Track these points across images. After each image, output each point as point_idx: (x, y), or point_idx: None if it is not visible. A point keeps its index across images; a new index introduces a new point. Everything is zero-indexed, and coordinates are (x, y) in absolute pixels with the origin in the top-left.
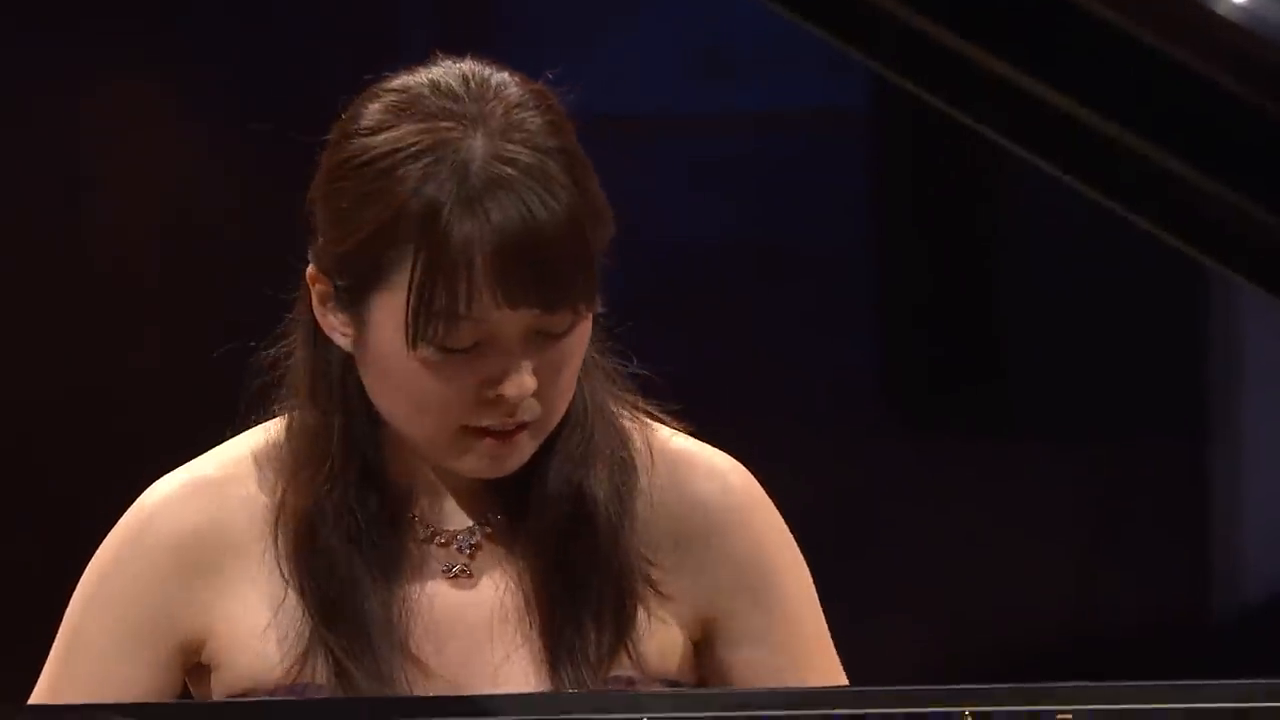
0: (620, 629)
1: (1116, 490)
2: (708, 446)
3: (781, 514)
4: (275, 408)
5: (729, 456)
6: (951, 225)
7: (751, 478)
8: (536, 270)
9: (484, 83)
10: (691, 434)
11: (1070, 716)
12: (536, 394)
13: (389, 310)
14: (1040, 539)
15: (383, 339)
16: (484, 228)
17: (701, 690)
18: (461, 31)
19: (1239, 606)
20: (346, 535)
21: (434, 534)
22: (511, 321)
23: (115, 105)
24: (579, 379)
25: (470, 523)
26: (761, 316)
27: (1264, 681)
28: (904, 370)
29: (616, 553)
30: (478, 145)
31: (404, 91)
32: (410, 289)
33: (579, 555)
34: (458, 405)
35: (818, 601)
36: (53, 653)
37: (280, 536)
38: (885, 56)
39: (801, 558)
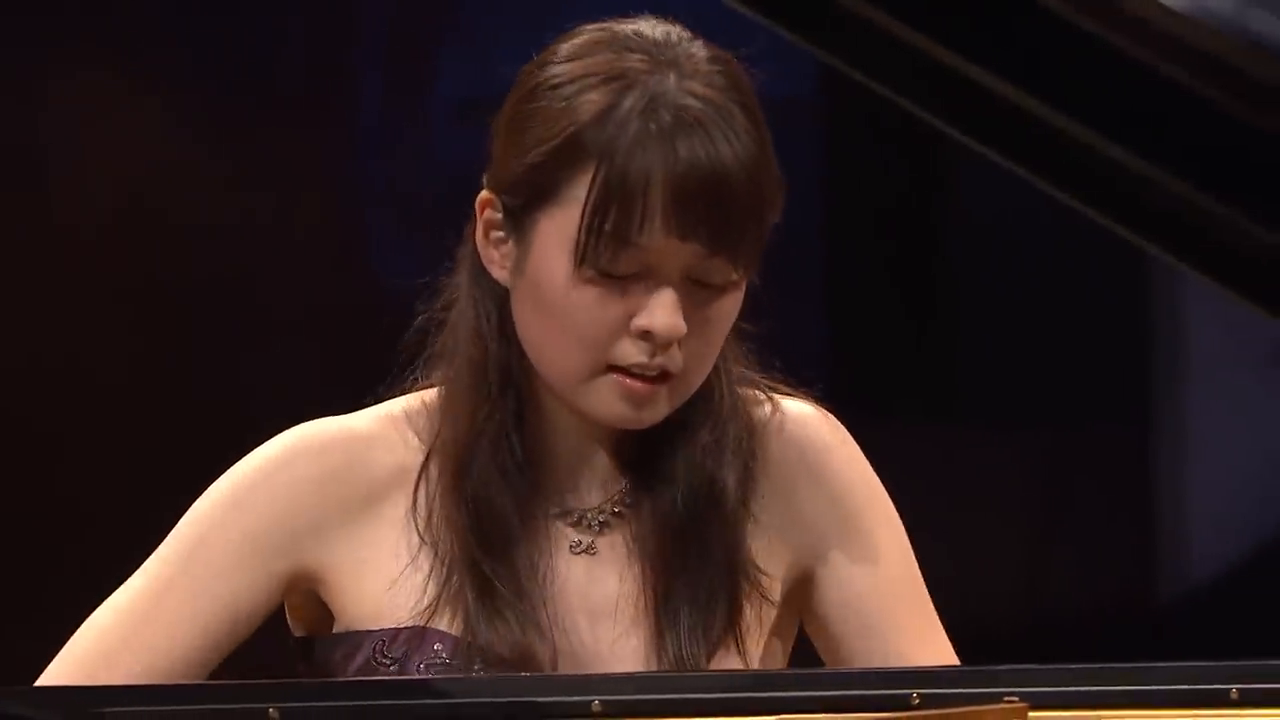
0: (730, 618)
1: (1063, 476)
2: (797, 400)
3: None
4: (429, 373)
5: (818, 406)
6: (901, 213)
7: (838, 424)
8: (711, 206)
9: (684, 39)
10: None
11: (1017, 699)
12: (681, 346)
13: (556, 230)
14: (987, 525)
15: (544, 261)
16: (669, 155)
17: (649, 673)
18: (419, 7)
19: (1182, 590)
20: (502, 467)
21: (564, 511)
22: (675, 255)
23: (69, 90)
24: (719, 368)
25: (599, 502)
26: None
27: (1207, 664)
28: (854, 357)
29: (735, 545)
30: (670, 81)
31: (605, 30)
32: (585, 207)
33: (699, 544)
34: (606, 336)
35: (909, 547)
36: (166, 552)
37: (422, 487)
38: (836, 47)
39: (890, 502)
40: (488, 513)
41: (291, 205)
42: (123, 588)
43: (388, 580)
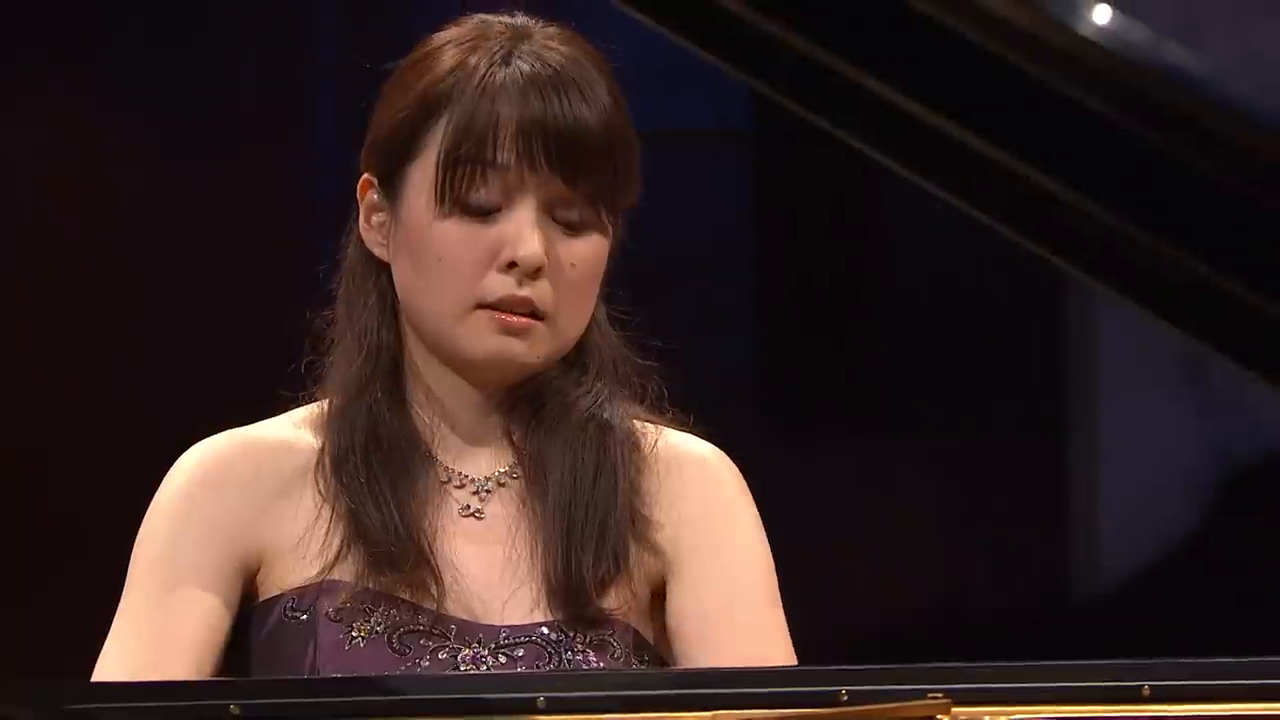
0: (616, 570)
1: (982, 485)
2: (702, 441)
3: None
4: (316, 389)
5: (716, 449)
6: (827, 236)
7: (733, 466)
8: (561, 136)
9: (545, 25)
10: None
11: (942, 695)
12: (549, 285)
13: (421, 177)
14: (910, 530)
15: (414, 210)
16: (518, 91)
17: (591, 671)
18: (369, 32)
19: (1094, 593)
20: (384, 433)
21: (453, 477)
22: (531, 187)
23: (34, 112)
24: (596, 371)
25: (486, 473)
26: (647, 323)
27: (1120, 662)
28: (784, 372)
29: (615, 512)
30: (524, 44)
31: (475, 17)
32: (442, 145)
33: (582, 511)
34: (474, 271)
35: (774, 575)
36: (139, 593)
37: (322, 465)
38: (767, 77)
39: (765, 540)
40: (368, 477)
41: (249, 220)
42: (113, 642)
43: (301, 548)
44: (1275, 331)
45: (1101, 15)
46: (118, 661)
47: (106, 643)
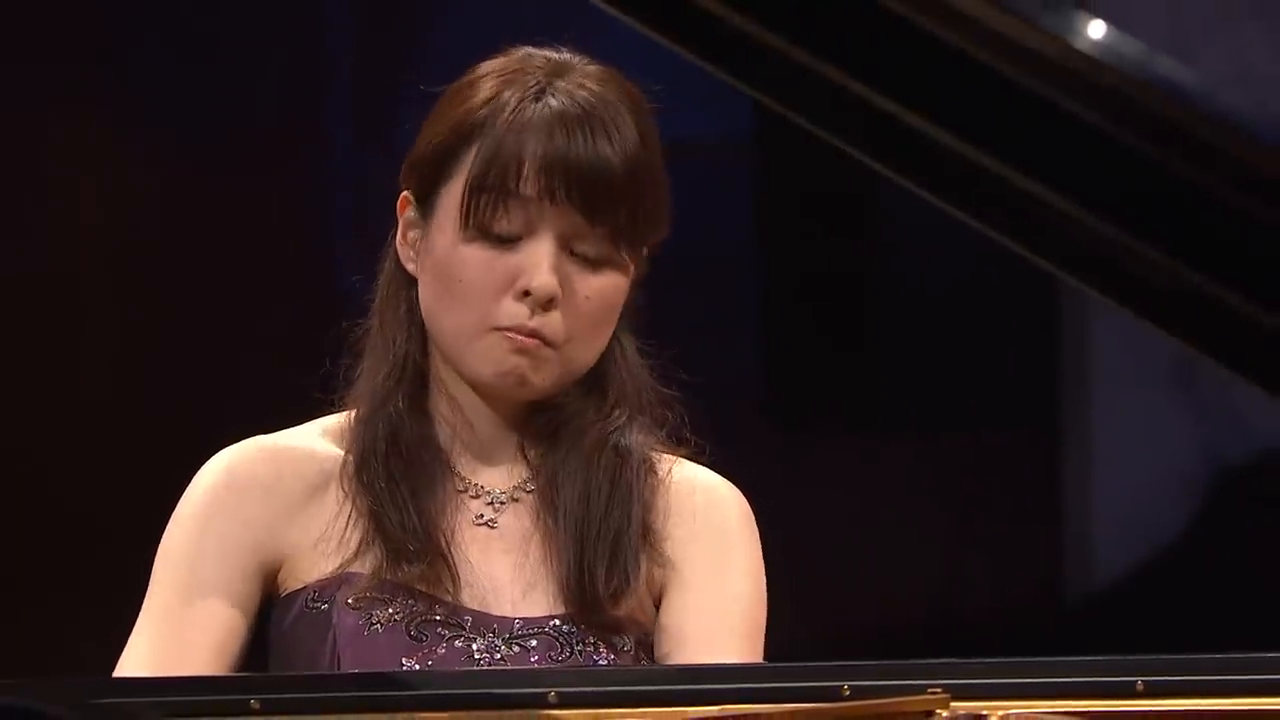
0: (627, 585)
1: (978, 485)
2: (715, 474)
3: None
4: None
5: (730, 483)
6: (826, 242)
7: (743, 500)
8: (584, 172)
9: (582, 60)
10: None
11: (941, 690)
12: (561, 315)
13: (449, 201)
14: (907, 529)
15: (440, 231)
16: (544, 113)
17: (600, 667)
18: (384, 52)
19: (1088, 591)
20: (404, 440)
21: (470, 487)
22: (552, 219)
23: (64, 133)
24: (615, 400)
25: (503, 486)
26: (652, 325)
27: (1115, 658)
28: (783, 374)
29: (628, 530)
30: (560, 81)
31: (520, 49)
32: (469, 173)
33: (595, 529)
34: (491, 295)
35: (762, 608)
36: (161, 596)
37: (346, 469)
38: (765, 87)
39: (761, 574)
40: (389, 481)
41: (267, 230)
42: (134, 642)
43: (322, 545)
44: (1268, 337)
45: (1095, 29)
46: (137, 662)
47: (129, 643)
